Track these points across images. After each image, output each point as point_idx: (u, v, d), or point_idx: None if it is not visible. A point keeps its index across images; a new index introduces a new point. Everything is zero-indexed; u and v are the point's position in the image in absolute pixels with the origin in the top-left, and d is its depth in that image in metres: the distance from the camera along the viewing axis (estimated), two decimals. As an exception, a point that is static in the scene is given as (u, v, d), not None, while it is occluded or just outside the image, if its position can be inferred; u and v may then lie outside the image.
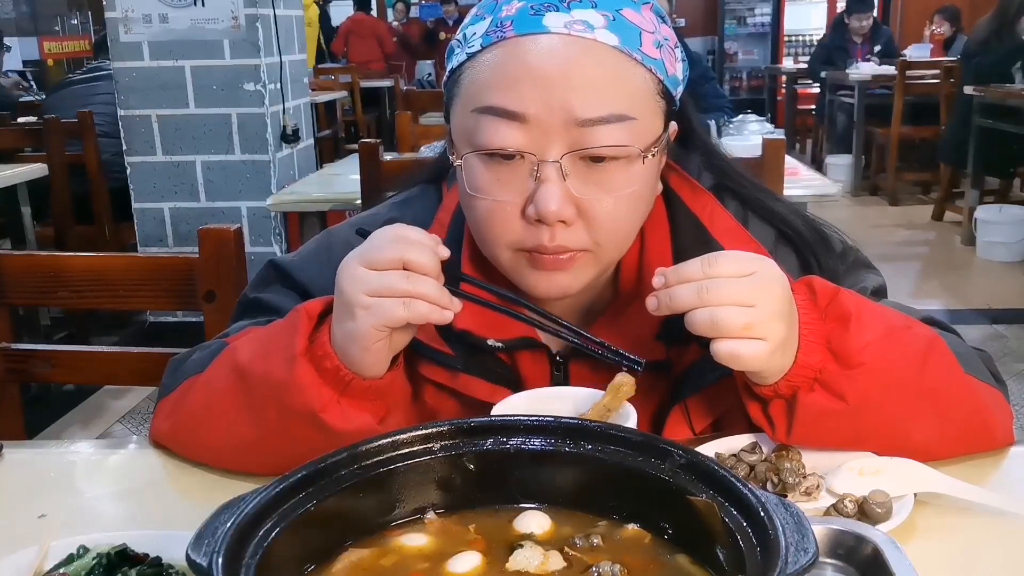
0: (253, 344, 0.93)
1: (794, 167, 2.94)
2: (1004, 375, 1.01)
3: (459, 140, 0.94)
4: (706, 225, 1.01)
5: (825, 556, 0.66)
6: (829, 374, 0.86)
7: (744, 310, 0.81)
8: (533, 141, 0.88)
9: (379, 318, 0.83)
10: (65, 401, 3.60)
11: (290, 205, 3.04)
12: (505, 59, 0.89)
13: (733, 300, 0.81)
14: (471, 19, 0.95)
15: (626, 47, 0.89)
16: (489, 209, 0.92)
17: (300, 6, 4.58)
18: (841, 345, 0.86)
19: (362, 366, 0.87)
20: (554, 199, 0.88)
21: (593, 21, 0.89)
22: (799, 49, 11.93)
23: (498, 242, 0.93)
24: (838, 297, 0.88)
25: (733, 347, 0.82)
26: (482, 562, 0.63)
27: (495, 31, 0.90)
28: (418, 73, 10.13)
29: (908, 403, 0.89)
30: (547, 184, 0.88)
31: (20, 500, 0.94)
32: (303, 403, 0.87)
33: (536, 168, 0.89)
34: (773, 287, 0.83)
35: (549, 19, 0.89)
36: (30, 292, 1.44)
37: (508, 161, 0.90)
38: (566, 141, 0.88)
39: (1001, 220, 5.38)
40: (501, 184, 0.91)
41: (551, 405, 0.88)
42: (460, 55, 0.94)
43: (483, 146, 0.90)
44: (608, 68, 0.89)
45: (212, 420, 0.95)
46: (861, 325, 0.87)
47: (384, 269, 0.84)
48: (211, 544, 0.55)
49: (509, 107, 0.88)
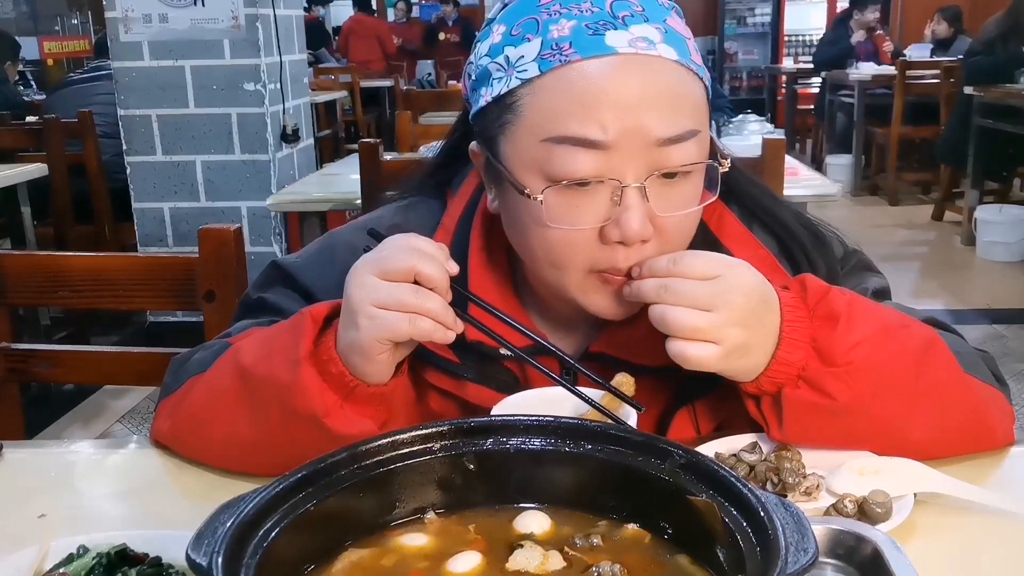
0: (257, 345, 0.93)
1: (794, 167, 2.94)
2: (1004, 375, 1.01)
3: (522, 170, 0.90)
4: (714, 231, 1.01)
5: (825, 556, 0.66)
6: (812, 371, 0.87)
7: (697, 314, 0.83)
8: (613, 165, 0.86)
9: (383, 331, 0.83)
10: (65, 401, 3.59)
11: (290, 205, 3.03)
12: (575, 84, 0.86)
13: (688, 302, 0.84)
14: (505, 39, 0.91)
15: (684, 60, 0.88)
16: (566, 236, 0.89)
17: (300, 6, 4.58)
18: (826, 344, 0.87)
19: (365, 374, 0.87)
20: (638, 221, 0.86)
21: (652, 36, 0.87)
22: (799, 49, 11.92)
23: (571, 267, 0.91)
24: (828, 296, 0.89)
25: (680, 348, 0.84)
26: (482, 562, 0.63)
27: (552, 55, 0.87)
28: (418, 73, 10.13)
29: (905, 402, 0.89)
30: (632, 209, 0.86)
31: (20, 500, 0.94)
32: (306, 406, 0.86)
33: (619, 193, 0.87)
34: (733, 295, 0.84)
35: (611, 38, 0.86)
36: (30, 292, 1.44)
37: (585, 187, 0.87)
38: (645, 162, 0.86)
39: (1001, 220, 5.38)
40: (580, 211, 0.88)
41: (551, 405, 0.88)
42: (507, 80, 0.89)
43: (563, 176, 0.87)
44: (675, 84, 0.88)
45: (214, 420, 0.95)
46: (851, 324, 0.87)
47: (395, 280, 0.84)
48: (211, 544, 0.55)
49: (589, 135, 0.85)
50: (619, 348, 0.99)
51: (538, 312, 1.03)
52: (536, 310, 1.03)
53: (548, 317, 1.03)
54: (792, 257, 1.02)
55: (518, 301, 1.03)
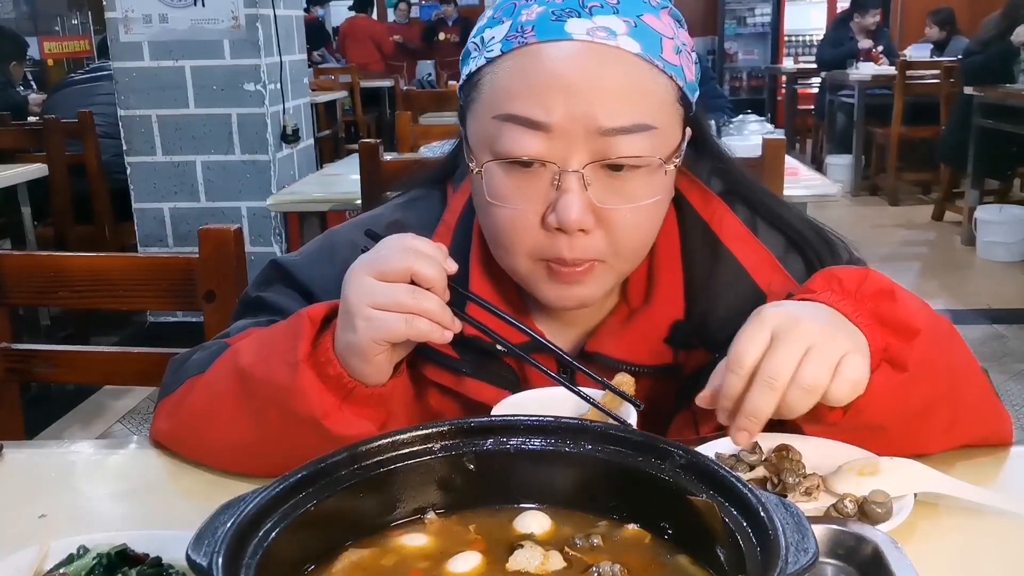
0: (255, 346, 0.93)
1: (794, 167, 2.94)
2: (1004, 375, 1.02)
3: (477, 146, 0.93)
4: (715, 230, 1.00)
5: (825, 556, 0.66)
6: (895, 349, 0.84)
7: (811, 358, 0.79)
8: (555, 149, 0.87)
9: (379, 332, 0.83)
10: (65, 401, 3.60)
11: (290, 205, 3.04)
12: (528, 66, 0.88)
13: (794, 363, 0.79)
14: (488, 21, 0.94)
15: (648, 54, 0.88)
16: (508, 217, 0.91)
17: (300, 6, 4.58)
18: (894, 317, 0.84)
19: (363, 375, 0.87)
20: (575, 208, 0.87)
21: (615, 28, 0.87)
22: (799, 49, 11.93)
23: (517, 251, 0.92)
24: (869, 276, 0.87)
25: (843, 388, 0.80)
26: (482, 562, 0.63)
27: (516, 36, 0.89)
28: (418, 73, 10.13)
29: (943, 378, 0.88)
30: (568, 194, 0.87)
31: (20, 500, 0.94)
32: (305, 408, 0.86)
33: (557, 177, 0.88)
34: (797, 324, 0.80)
35: (571, 25, 0.87)
36: (30, 292, 1.44)
37: (528, 169, 0.89)
38: (588, 150, 0.87)
39: (1001, 220, 5.39)
40: (521, 192, 0.90)
41: (551, 405, 0.88)
42: (478, 59, 0.92)
43: (505, 154, 0.89)
44: (631, 76, 0.88)
45: (213, 421, 0.95)
46: (904, 296, 0.87)
47: (391, 280, 0.84)
48: (211, 544, 0.55)
49: (533, 116, 0.87)
50: (617, 348, 0.99)
51: (537, 309, 1.03)
52: (536, 307, 1.03)
53: (547, 314, 1.03)
54: (805, 256, 1.02)
55: (519, 298, 1.03)
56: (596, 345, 1.00)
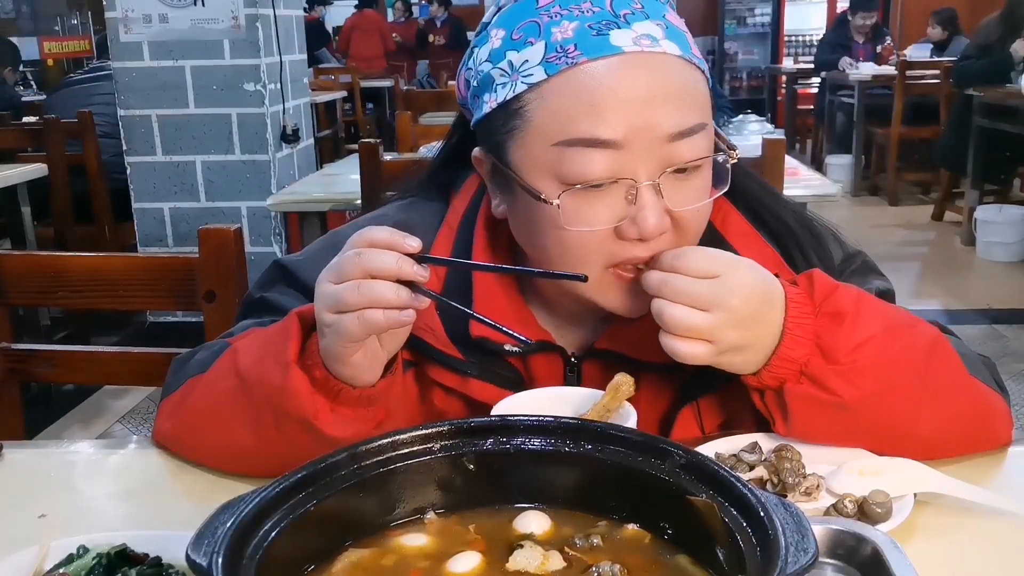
0: (252, 347, 0.93)
1: (794, 167, 2.94)
2: (1004, 375, 1.02)
3: (534, 175, 0.89)
4: (720, 229, 1.01)
5: (825, 556, 0.66)
6: (815, 368, 0.87)
7: (693, 313, 0.84)
8: (626, 164, 0.86)
9: (340, 336, 0.82)
10: (65, 401, 3.59)
11: (290, 205, 3.04)
12: (583, 86, 0.86)
13: (686, 300, 0.84)
14: (507, 43, 0.91)
15: (687, 54, 0.89)
16: (583, 238, 0.89)
17: (300, 6, 4.58)
18: (830, 342, 0.87)
19: (347, 377, 0.86)
20: (655, 217, 0.87)
21: (654, 33, 0.87)
22: (799, 49, 11.92)
23: (588, 265, 0.90)
24: (835, 294, 0.89)
25: (673, 344, 0.85)
26: (482, 562, 0.63)
27: (558, 57, 0.87)
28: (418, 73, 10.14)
29: (911, 400, 0.89)
30: (648, 207, 0.87)
31: (20, 500, 0.94)
32: (297, 409, 0.86)
33: (634, 192, 0.87)
34: (731, 297, 0.84)
35: (616, 37, 0.86)
36: (30, 292, 1.44)
37: (599, 188, 0.87)
38: (657, 158, 0.87)
39: (1001, 220, 5.38)
40: (596, 212, 0.88)
41: (551, 405, 0.88)
42: (514, 85, 0.89)
43: (577, 179, 0.87)
44: (681, 79, 0.88)
45: (213, 421, 0.95)
46: (857, 322, 0.87)
47: (349, 280, 0.81)
48: (211, 544, 0.55)
49: (600, 135, 0.85)
50: (624, 345, 0.99)
51: (543, 309, 1.03)
52: (541, 307, 1.03)
53: (553, 314, 1.03)
54: (789, 255, 1.02)
55: (522, 298, 1.03)
56: (605, 343, 1.01)
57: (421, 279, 0.80)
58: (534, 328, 1.02)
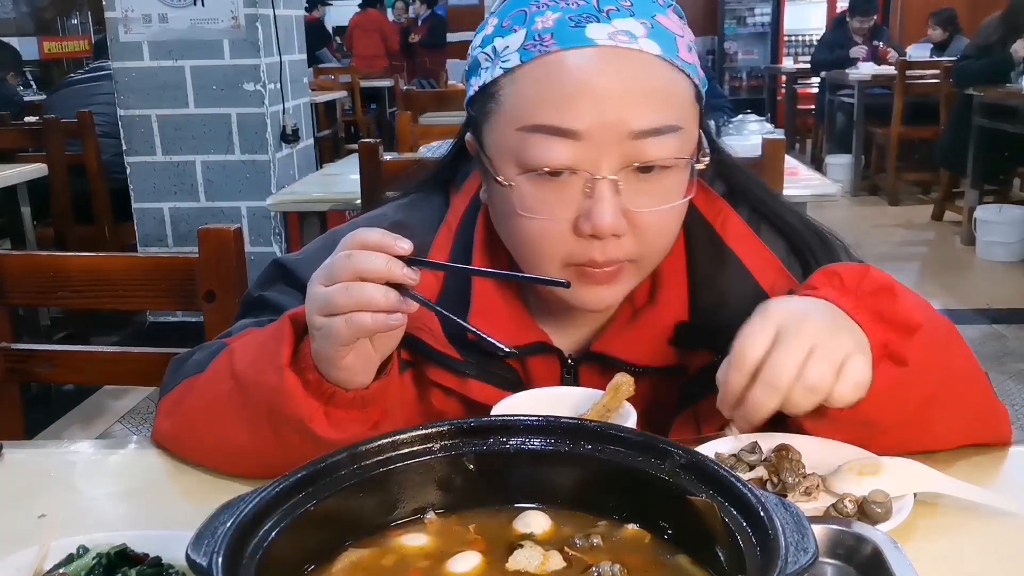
0: (248, 348, 0.93)
1: (794, 167, 2.94)
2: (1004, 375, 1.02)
3: (500, 159, 0.91)
4: (719, 231, 1.01)
5: (825, 556, 0.66)
6: (894, 345, 0.84)
7: (815, 358, 0.79)
8: (585, 156, 0.87)
9: (330, 339, 0.82)
10: (65, 401, 3.59)
11: (290, 205, 3.04)
12: (552, 74, 0.87)
13: (798, 362, 0.79)
14: (496, 30, 0.93)
15: (668, 55, 0.88)
16: (540, 228, 0.90)
17: (300, 6, 4.58)
18: (894, 313, 0.85)
19: (340, 380, 0.85)
20: (609, 214, 0.87)
21: (634, 31, 0.87)
22: (799, 49, 11.91)
23: (548, 260, 0.91)
24: (870, 272, 0.88)
25: (847, 389, 0.80)
26: (482, 562, 0.63)
27: (534, 45, 0.88)
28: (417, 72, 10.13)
29: (942, 376, 0.88)
30: (603, 202, 0.87)
31: (20, 500, 0.94)
32: (292, 412, 0.86)
33: (590, 185, 0.87)
34: (803, 322, 0.81)
35: (592, 31, 0.87)
36: (30, 292, 1.44)
37: (558, 178, 0.88)
38: (619, 155, 0.87)
39: (1001, 220, 5.38)
40: (552, 202, 0.89)
41: (551, 405, 0.88)
42: (493, 69, 0.91)
43: (535, 165, 0.88)
44: (655, 78, 0.88)
45: (210, 422, 0.95)
46: (904, 291, 0.87)
47: (340, 282, 0.80)
48: (211, 544, 0.55)
49: (562, 124, 0.86)
50: (622, 348, 0.99)
51: (541, 310, 1.03)
52: (539, 307, 1.03)
53: (551, 314, 1.03)
54: (803, 258, 1.02)
55: (521, 299, 1.03)
56: (601, 346, 1.01)
57: (411, 282, 0.79)
58: (531, 329, 1.02)
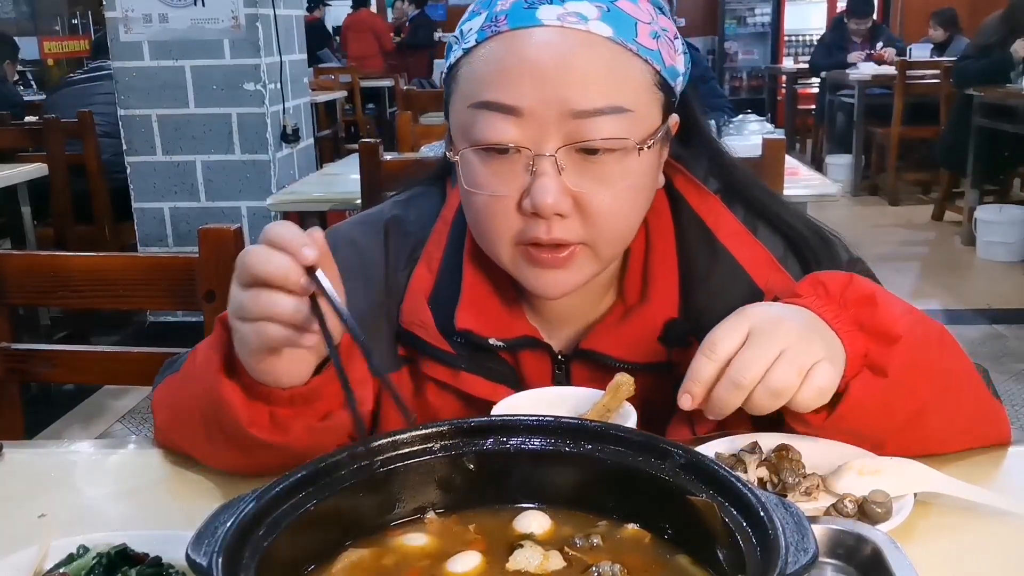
0: (200, 350, 0.91)
1: (794, 167, 2.94)
2: (1004, 375, 1.02)
3: (457, 136, 0.94)
4: (711, 228, 1.00)
5: (825, 556, 0.66)
6: (875, 355, 0.84)
7: (783, 362, 0.80)
8: (528, 135, 0.88)
9: (242, 345, 0.80)
10: (65, 401, 3.59)
11: (290, 205, 3.03)
12: (499, 53, 0.89)
13: (765, 363, 0.80)
14: (468, 15, 0.95)
15: (620, 38, 0.89)
16: (486, 204, 0.92)
17: (301, 6, 4.58)
18: (874, 323, 0.85)
19: (268, 382, 0.82)
20: (550, 192, 0.87)
21: (587, 13, 0.88)
22: (799, 49, 11.91)
23: (497, 237, 0.93)
24: (853, 282, 0.88)
25: (810, 395, 0.81)
26: (482, 562, 0.63)
27: (489, 26, 0.90)
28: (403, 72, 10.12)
29: (933, 383, 0.88)
30: (543, 178, 0.88)
31: (20, 500, 0.94)
32: (232, 417, 0.84)
33: (532, 162, 0.88)
34: (777, 326, 0.82)
35: (543, 12, 0.88)
36: (30, 292, 1.44)
37: (503, 155, 0.89)
38: (562, 134, 0.88)
39: (1001, 220, 5.38)
40: (497, 178, 0.90)
41: (551, 405, 0.88)
42: (457, 51, 0.94)
43: (479, 141, 0.90)
44: (603, 59, 0.88)
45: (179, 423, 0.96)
46: (886, 301, 0.87)
47: (250, 285, 0.75)
48: (211, 544, 0.55)
49: (505, 101, 0.88)
50: (612, 345, 0.99)
51: (531, 306, 1.03)
52: (530, 304, 1.03)
53: (541, 311, 1.03)
54: (802, 257, 1.02)
55: (515, 293, 1.03)
56: (590, 343, 1.00)
57: (303, 293, 0.73)
58: (520, 323, 1.02)
